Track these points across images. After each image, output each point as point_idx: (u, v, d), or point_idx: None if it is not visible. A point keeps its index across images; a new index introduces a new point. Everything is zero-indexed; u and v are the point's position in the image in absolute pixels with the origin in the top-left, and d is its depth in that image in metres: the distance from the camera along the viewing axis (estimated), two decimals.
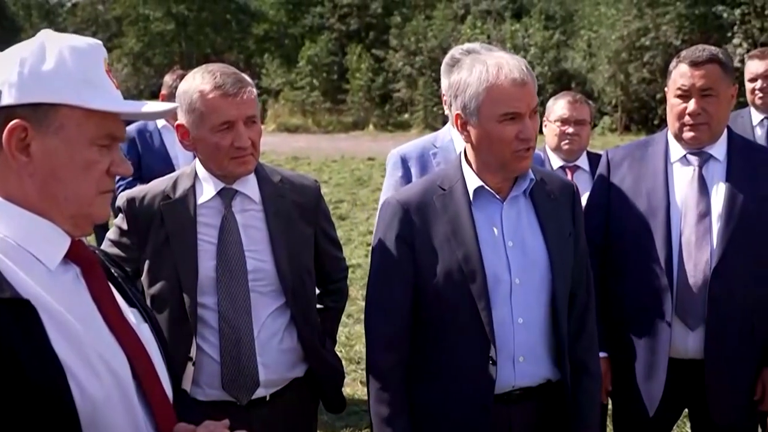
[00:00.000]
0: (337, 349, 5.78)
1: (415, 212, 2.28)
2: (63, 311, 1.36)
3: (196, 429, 1.48)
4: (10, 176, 1.41)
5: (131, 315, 1.55)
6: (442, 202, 2.28)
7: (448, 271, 2.23)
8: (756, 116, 4.50)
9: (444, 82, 3.05)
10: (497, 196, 2.29)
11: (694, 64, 2.70)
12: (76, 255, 1.47)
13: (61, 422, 1.30)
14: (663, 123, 2.88)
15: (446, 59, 3.04)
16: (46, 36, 1.46)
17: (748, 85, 4.52)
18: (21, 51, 1.43)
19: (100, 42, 1.51)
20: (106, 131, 1.47)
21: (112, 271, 1.62)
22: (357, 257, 8.66)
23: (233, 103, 2.28)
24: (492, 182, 2.28)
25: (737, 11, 22.93)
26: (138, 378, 1.46)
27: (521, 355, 2.26)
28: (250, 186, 2.45)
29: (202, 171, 2.44)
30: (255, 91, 2.37)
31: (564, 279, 2.31)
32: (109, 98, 1.47)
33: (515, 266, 2.25)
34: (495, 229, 2.27)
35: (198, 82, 2.31)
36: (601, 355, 2.81)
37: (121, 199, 2.46)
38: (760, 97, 4.45)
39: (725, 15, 23.19)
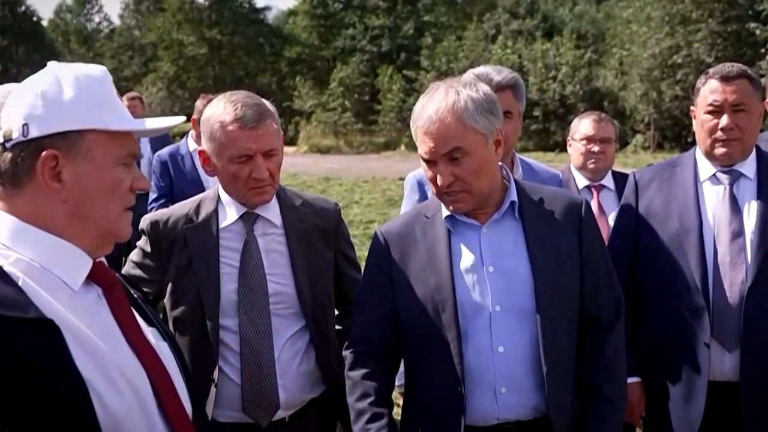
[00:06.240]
0: None
1: (395, 242, 2.27)
2: (85, 330, 1.41)
3: None
4: (39, 203, 1.46)
5: (150, 334, 1.59)
6: (423, 230, 2.24)
7: (423, 300, 2.18)
8: None
9: None
10: (475, 222, 2.21)
11: (725, 79, 2.68)
12: (97, 276, 1.52)
13: None
14: (696, 141, 2.85)
15: None
16: (56, 67, 1.52)
17: None
18: (38, 84, 1.48)
19: (104, 67, 1.58)
20: (128, 150, 1.53)
21: (132, 292, 1.67)
22: None
23: (251, 137, 2.29)
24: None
25: None
26: (158, 394, 1.49)
27: (503, 385, 2.13)
28: (271, 210, 2.47)
29: (224, 195, 2.47)
30: (276, 125, 2.38)
31: (557, 304, 2.16)
32: (126, 119, 1.54)
33: (495, 292, 2.14)
34: (472, 256, 2.18)
35: (219, 111, 2.33)
36: (634, 379, 2.77)
37: (145, 221, 2.49)
38: None
39: (758, 32, 22.97)
